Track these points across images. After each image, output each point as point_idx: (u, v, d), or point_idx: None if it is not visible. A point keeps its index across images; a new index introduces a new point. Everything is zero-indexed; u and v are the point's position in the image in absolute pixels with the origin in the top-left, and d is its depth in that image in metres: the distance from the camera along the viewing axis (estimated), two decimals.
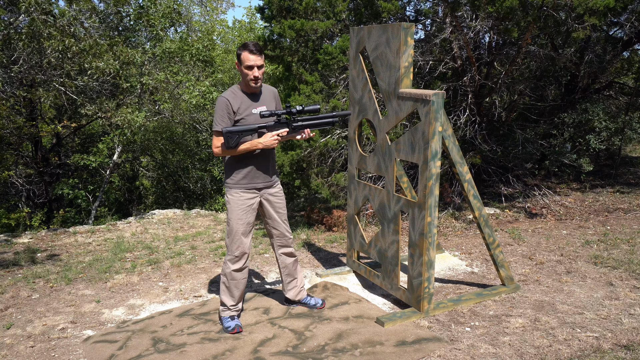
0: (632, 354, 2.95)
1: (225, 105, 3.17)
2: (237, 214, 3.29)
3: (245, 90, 3.25)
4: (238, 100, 3.20)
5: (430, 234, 3.32)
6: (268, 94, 3.36)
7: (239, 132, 3.12)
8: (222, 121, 3.17)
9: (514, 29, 5.40)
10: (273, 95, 3.40)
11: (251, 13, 17.23)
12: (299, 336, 3.28)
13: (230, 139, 3.11)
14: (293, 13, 6.06)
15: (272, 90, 3.41)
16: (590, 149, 7.13)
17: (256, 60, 3.13)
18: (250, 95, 3.26)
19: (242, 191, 3.29)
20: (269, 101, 3.35)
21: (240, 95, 3.23)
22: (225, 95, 3.20)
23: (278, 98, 3.44)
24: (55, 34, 7.37)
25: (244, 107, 3.21)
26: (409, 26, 3.30)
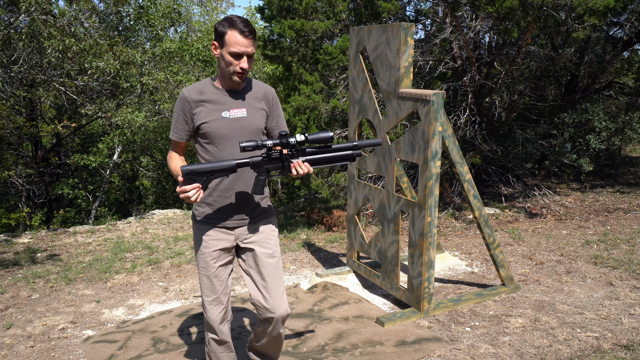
0: (632, 354, 2.95)
1: (180, 105, 2.29)
2: (201, 261, 2.38)
3: (221, 86, 2.31)
4: (202, 97, 2.27)
5: (430, 234, 3.32)
6: (256, 92, 2.36)
7: (203, 173, 2.17)
8: (175, 128, 2.32)
9: (514, 29, 5.40)
10: (264, 96, 2.37)
11: (251, 13, 17.23)
12: (299, 336, 3.28)
13: (191, 182, 2.17)
14: (293, 13, 6.06)
15: (264, 89, 2.39)
16: (590, 149, 7.13)
17: (247, 45, 2.19)
18: (229, 92, 2.30)
19: (208, 228, 2.36)
20: (254, 104, 2.33)
21: (210, 91, 2.29)
22: (186, 90, 2.29)
23: (274, 104, 2.42)
24: (55, 34, 7.37)
25: (211, 108, 2.26)
26: (409, 26, 3.30)
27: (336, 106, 5.76)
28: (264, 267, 2.38)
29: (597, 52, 7.15)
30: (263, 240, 2.41)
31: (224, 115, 2.26)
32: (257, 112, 2.33)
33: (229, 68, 2.22)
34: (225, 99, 2.29)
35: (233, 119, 2.28)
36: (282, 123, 2.46)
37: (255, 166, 2.22)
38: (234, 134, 2.27)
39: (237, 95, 2.31)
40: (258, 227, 2.42)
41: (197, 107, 2.26)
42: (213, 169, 2.17)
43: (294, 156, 2.21)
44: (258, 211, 2.41)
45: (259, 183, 2.23)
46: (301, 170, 2.20)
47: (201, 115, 2.25)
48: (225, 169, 2.19)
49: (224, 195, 2.32)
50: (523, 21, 5.28)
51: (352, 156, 2.26)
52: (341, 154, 2.25)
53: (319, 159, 2.24)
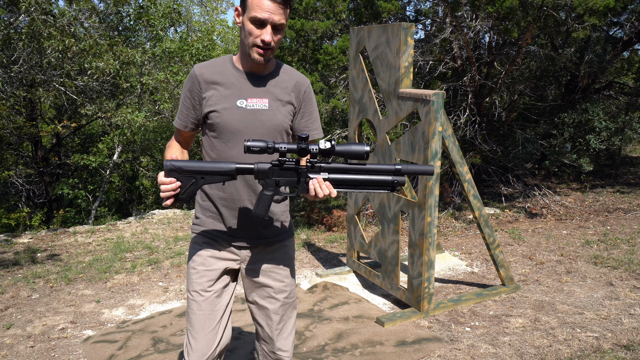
0: (632, 354, 2.95)
1: (189, 84, 1.84)
2: (193, 282, 1.88)
3: (241, 66, 1.84)
4: (217, 79, 1.81)
5: (430, 234, 3.32)
6: (285, 81, 1.87)
7: (191, 172, 1.68)
8: (180, 113, 1.88)
9: (514, 29, 5.40)
10: (295, 87, 1.89)
11: None
12: (299, 336, 3.28)
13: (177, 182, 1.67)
14: (293, 13, 6.06)
15: (296, 78, 1.91)
16: (590, 149, 7.13)
17: (274, 11, 1.70)
18: (249, 75, 1.83)
19: (208, 243, 1.90)
20: (280, 94, 1.85)
21: (227, 71, 1.83)
22: (198, 67, 1.84)
23: (307, 98, 1.93)
24: (55, 34, 7.37)
25: (225, 94, 1.80)
26: (409, 26, 3.30)
27: (336, 106, 5.76)
28: (271, 304, 1.93)
29: (597, 52, 7.15)
30: (274, 271, 1.93)
31: (240, 104, 1.80)
32: (282, 106, 1.84)
33: (248, 40, 1.72)
34: (243, 84, 1.81)
35: (250, 111, 1.80)
36: (314, 124, 1.95)
37: (260, 175, 1.68)
38: (249, 130, 1.80)
39: (259, 80, 1.83)
40: (270, 252, 1.93)
41: (208, 90, 1.81)
42: (205, 169, 1.67)
43: (314, 170, 1.67)
44: (273, 231, 1.91)
45: (263, 200, 1.69)
46: (321, 191, 1.63)
47: (212, 101, 1.80)
48: (220, 172, 1.68)
49: (231, 205, 1.87)
50: (523, 21, 5.28)
51: (392, 184, 1.67)
52: (377, 179, 1.67)
53: (347, 180, 1.67)
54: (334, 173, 1.68)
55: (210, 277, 1.88)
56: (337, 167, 1.68)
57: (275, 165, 1.68)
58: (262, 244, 1.91)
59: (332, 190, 1.66)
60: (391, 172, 1.67)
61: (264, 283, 1.93)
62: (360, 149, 1.64)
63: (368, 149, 1.63)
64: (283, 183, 1.70)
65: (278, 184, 1.70)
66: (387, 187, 1.68)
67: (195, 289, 1.87)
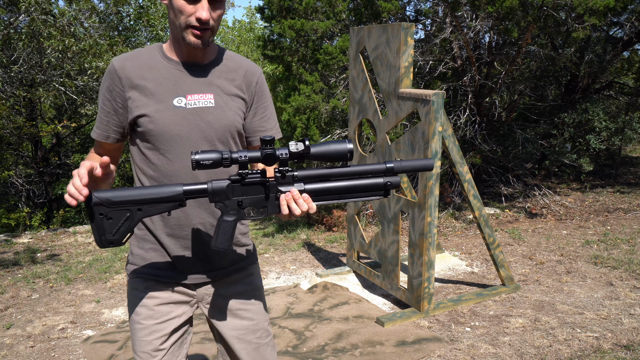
0: (632, 354, 2.95)
1: (108, 82, 1.45)
2: (139, 341, 1.52)
3: (174, 56, 1.47)
4: (144, 73, 1.43)
5: (430, 234, 3.32)
6: (232, 70, 1.52)
7: (125, 204, 1.30)
8: (99, 121, 1.48)
9: (514, 29, 5.40)
10: (245, 77, 1.53)
11: (251, 13, 17.25)
12: (299, 336, 3.28)
13: (101, 220, 1.29)
14: (293, 13, 6.06)
15: (245, 67, 1.55)
16: (590, 149, 7.13)
17: None
18: (186, 65, 1.46)
19: (152, 287, 1.52)
20: (226, 87, 1.49)
21: (157, 62, 1.45)
22: (117, 60, 1.44)
23: (259, 91, 1.56)
24: (55, 34, 7.37)
25: (156, 91, 1.43)
26: (409, 26, 3.30)
27: (336, 106, 5.76)
28: (243, 348, 1.59)
29: (597, 52, 7.15)
30: (241, 307, 1.59)
31: (177, 103, 1.42)
32: (231, 101, 1.49)
33: (179, 20, 1.36)
34: (180, 77, 1.44)
35: (192, 110, 1.43)
36: (269, 123, 1.58)
37: (217, 196, 1.32)
38: (193, 135, 1.43)
39: (199, 71, 1.46)
40: (233, 285, 1.59)
41: (133, 88, 1.41)
42: (141, 198, 1.29)
43: (286, 181, 1.33)
44: (233, 259, 1.57)
45: (224, 229, 1.32)
46: (297, 207, 1.31)
47: (139, 102, 1.41)
48: (162, 199, 1.30)
49: (177, 233, 1.48)
50: (523, 21, 5.28)
51: (384, 188, 1.36)
52: (366, 183, 1.35)
53: (328, 189, 1.34)
54: (311, 182, 1.34)
55: (163, 333, 1.51)
56: (315, 174, 1.34)
57: (236, 181, 1.32)
58: (221, 277, 1.56)
59: (311, 204, 1.32)
60: (382, 172, 1.35)
61: (231, 324, 1.58)
62: (341, 147, 1.30)
63: (351, 147, 1.31)
64: (247, 203, 1.34)
65: (241, 205, 1.33)
66: (379, 192, 1.36)
67: (144, 350, 1.51)
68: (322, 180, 1.35)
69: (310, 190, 1.34)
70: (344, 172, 1.35)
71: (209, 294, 1.57)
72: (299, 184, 1.34)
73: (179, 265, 1.52)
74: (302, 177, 1.34)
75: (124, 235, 1.31)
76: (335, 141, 1.31)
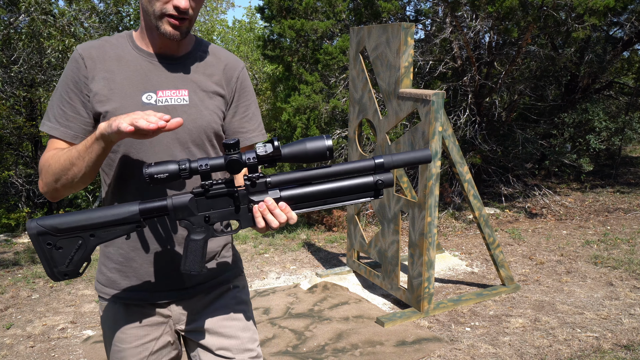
0: (632, 354, 2.95)
1: (72, 70, 1.27)
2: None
3: (145, 46, 1.31)
4: (110, 65, 1.27)
5: (430, 234, 3.32)
6: (210, 63, 1.36)
7: (73, 230, 1.13)
8: (61, 114, 1.27)
9: (514, 29, 5.40)
10: (225, 71, 1.37)
11: (251, 13, 17.24)
12: (299, 336, 3.28)
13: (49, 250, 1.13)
14: (293, 13, 6.06)
15: (225, 60, 1.39)
16: (590, 149, 7.13)
17: None
18: (159, 57, 1.30)
19: (123, 314, 1.37)
20: (204, 83, 1.33)
21: (127, 53, 1.30)
22: (83, 47, 1.28)
23: (242, 87, 1.39)
24: (55, 34, 7.38)
25: (123, 85, 1.26)
26: (409, 26, 3.31)
27: (336, 106, 5.76)
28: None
29: (597, 52, 7.15)
30: (224, 325, 1.40)
31: (147, 99, 1.26)
32: (208, 98, 1.32)
33: (154, 6, 1.21)
34: (150, 70, 1.28)
35: (162, 108, 1.27)
36: (251, 124, 1.41)
37: (180, 213, 1.16)
38: (164, 137, 1.26)
39: (173, 64, 1.30)
40: (215, 301, 1.41)
41: (97, 80, 1.24)
42: (92, 222, 1.12)
43: (258, 189, 1.16)
44: (211, 273, 1.40)
45: (192, 249, 1.17)
46: (274, 219, 1.14)
47: (102, 96, 1.24)
48: (117, 221, 1.13)
49: (146, 248, 1.32)
50: (523, 21, 5.28)
51: (374, 187, 1.18)
52: (352, 184, 1.17)
53: (308, 194, 1.17)
54: (287, 188, 1.17)
55: (139, 357, 1.36)
56: (291, 178, 1.16)
57: (199, 194, 1.16)
58: (197, 293, 1.38)
59: (290, 214, 1.15)
60: (371, 169, 1.17)
61: (214, 345, 1.38)
62: (318, 145, 1.11)
63: (329, 144, 1.12)
64: (216, 218, 1.17)
65: (209, 221, 1.17)
66: (369, 192, 1.18)
67: None
68: (300, 185, 1.17)
69: (288, 197, 1.16)
70: (326, 172, 1.16)
71: (184, 315, 1.38)
72: (274, 191, 1.16)
73: (149, 285, 1.33)
74: (276, 183, 1.16)
75: (78, 265, 1.15)
76: (310, 138, 1.12)
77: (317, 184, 1.18)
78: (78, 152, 1.18)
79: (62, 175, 1.20)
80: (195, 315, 1.40)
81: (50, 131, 1.27)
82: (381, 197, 1.19)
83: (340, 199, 1.19)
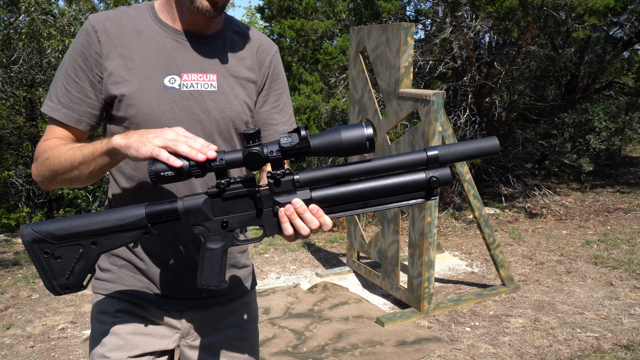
0: (632, 354, 2.95)
1: (84, 43, 1.09)
2: None
3: (168, 21, 1.14)
4: (128, 40, 1.11)
5: (430, 234, 3.32)
6: (243, 46, 1.21)
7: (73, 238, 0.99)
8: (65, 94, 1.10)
9: (514, 29, 5.40)
10: (258, 54, 1.22)
11: (251, 13, 17.24)
12: (299, 336, 3.28)
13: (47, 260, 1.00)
14: (293, 13, 6.06)
15: (259, 41, 1.24)
16: (590, 149, 7.13)
17: None
18: (188, 35, 1.14)
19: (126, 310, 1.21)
20: (235, 68, 1.18)
21: (148, 27, 1.13)
22: (96, 18, 1.11)
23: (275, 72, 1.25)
24: (55, 34, 7.38)
25: (143, 65, 1.10)
26: (409, 26, 3.31)
27: (336, 106, 5.76)
28: None
29: (597, 52, 7.15)
30: (234, 345, 1.29)
31: (169, 83, 1.10)
32: (238, 86, 1.17)
33: None
34: (175, 49, 1.12)
35: (187, 94, 1.11)
36: (283, 115, 1.25)
37: (193, 218, 1.00)
38: (187, 127, 1.10)
39: (202, 45, 1.14)
40: (227, 318, 1.28)
41: (113, 58, 1.08)
42: (93, 228, 0.99)
43: (284, 188, 0.98)
44: (230, 283, 1.29)
45: (209, 259, 1.01)
46: (304, 225, 0.96)
47: (118, 78, 1.08)
48: (121, 227, 0.99)
49: (158, 251, 1.18)
50: (523, 21, 5.28)
51: (427, 186, 0.97)
52: (399, 182, 0.97)
53: (345, 194, 0.98)
54: (320, 187, 0.98)
55: None
56: (324, 175, 0.98)
57: (215, 195, 0.98)
58: (212, 305, 1.25)
59: (324, 218, 0.96)
60: (422, 163, 0.96)
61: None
62: (357, 134, 0.92)
63: (370, 132, 0.92)
64: (235, 224, 1.00)
65: (227, 227, 1.00)
66: (419, 192, 0.97)
67: None
68: (335, 183, 0.98)
69: (321, 198, 0.97)
70: (366, 168, 0.96)
71: (194, 328, 1.24)
72: (304, 190, 0.98)
73: (161, 288, 1.19)
74: (306, 181, 0.98)
75: (81, 277, 1.01)
76: (346, 126, 0.93)
77: (355, 182, 0.98)
78: (83, 156, 1.03)
79: (60, 174, 1.08)
80: (205, 329, 1.25)
81: (50, 112, 1.10)
82: (435, 198, 0.98)
83: (383, 201, 0.98)
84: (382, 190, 0.97)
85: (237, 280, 1.30)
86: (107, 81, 1.09)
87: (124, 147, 0.96)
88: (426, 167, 0.97)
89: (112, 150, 0.99)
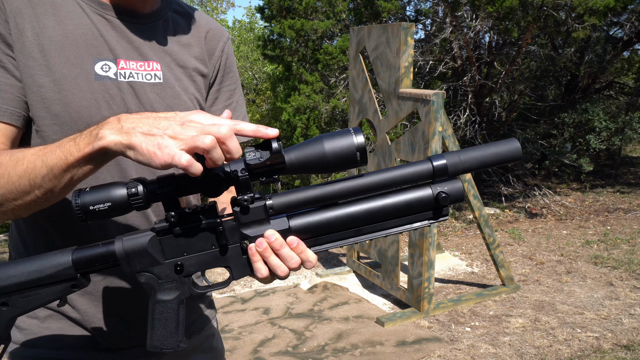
0: (632, 354, 2.95)
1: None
2: None
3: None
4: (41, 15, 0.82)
5: (430, 234, 3.32)
6: (190, 30, 0.98)
7: None
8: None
9: (514, 28, 5.40)
10: (207, 40, 1.00)
11: (251, 13, 17.23)
12: (299, 336, 3.28)
13: None
14: (293, 13, 6.07)
15: (210, 27, 1.02)
16: (590, 149, 7.13)
17: None
18: (118, 12, 0.88)
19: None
20: (181, 55, 0.95)
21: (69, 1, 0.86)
22: None
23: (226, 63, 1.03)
24: None
25: (64, 46, 0.83)
26: (409, 26, 3.31)
27: (336, 106, 5.76)
28: None
29: (597, 52, 7.15)
30: None
31: (102, 70, 0.86)
32: (186, 78, 0.96)
33: None
34: (107, 29, 0.88)
35: (125, 86, 0.88)
36: (236, 116, 1.05)
37: (138, 262, 0.75)
38: None
39: (138, 25, 0.92)
40: (187, 357, 1.04)
41: (22, 37, 0.82)
42: (1, 286, 0.73)
43: (255, 219, 0.76)
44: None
45: (161, 315, 0.77)
46: (281, 264, 0.75)
47: (32, 62, 0.82)
48: (39, 281, 0.74)
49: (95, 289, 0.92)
50: (523, 21, 5.28)
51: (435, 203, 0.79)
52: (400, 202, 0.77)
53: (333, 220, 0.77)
54: (300, 214, 0.77)
55: None
56: (304, 198, 0.76)
57: (165, 231, 0.75)
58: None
59: (307, 253, 0.76)
60: (427, 176, 0.78)
61: None
62: (343, 143, 0.71)
63: (361, 141, 0.71)
64: (193, 266, 0.77)
65: (182, 271, 0.77)
66: (426, 213, 0.79)
67: None
68: (320, 207, 0.77)
69: (301, 227, 0.76)
70: (358, 186, 0.76)
71: None
72: (280, 219, 0.76)
73: (101, 338, 0.92)
74: (282, 207, 0.75)
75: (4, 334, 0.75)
76: (329, 134, 0.72)
77: (344, 204, 0.77)
78: (49, 167, 0.71)
79: (11, 200, 0.74)
80: None
81: None
82: (445, 219, 0.79)
83: (381, 226, 0.78)
84: (378, 213, 0.76)
85: (195, 312, 1.03)
86: (21, 66, 0.81)
87: (124, 148, 0.67)
88: (432, 180, 0.78)
89: (101, 152, 0.69)
